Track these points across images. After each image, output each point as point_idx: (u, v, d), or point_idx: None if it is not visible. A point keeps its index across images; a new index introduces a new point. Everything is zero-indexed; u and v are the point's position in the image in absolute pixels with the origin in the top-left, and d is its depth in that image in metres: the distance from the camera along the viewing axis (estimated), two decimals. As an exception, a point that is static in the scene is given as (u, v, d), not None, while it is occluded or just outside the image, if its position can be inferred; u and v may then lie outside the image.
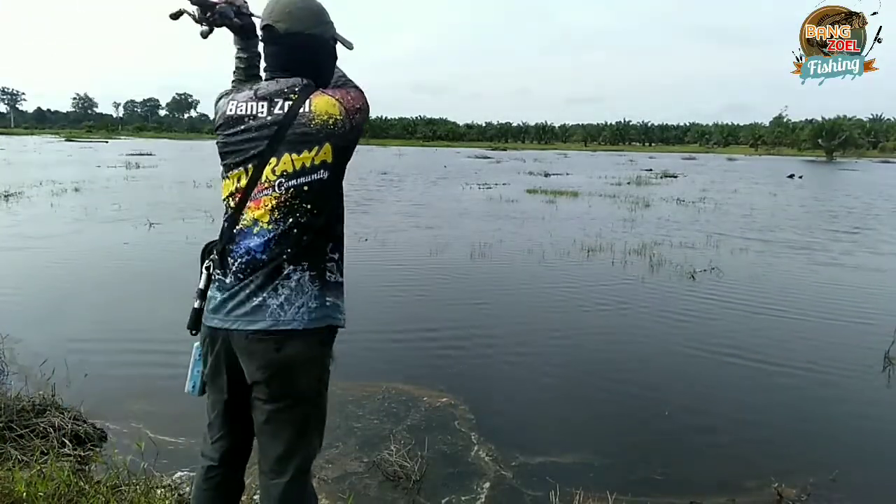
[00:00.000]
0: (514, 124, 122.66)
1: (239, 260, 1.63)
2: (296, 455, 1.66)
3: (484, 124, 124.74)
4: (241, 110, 1.65)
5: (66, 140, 70.55)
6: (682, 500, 2.97)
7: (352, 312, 1.88)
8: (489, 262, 8.45)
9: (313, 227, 1.61)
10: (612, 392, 4.32)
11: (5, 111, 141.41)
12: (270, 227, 1.60)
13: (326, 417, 1.77)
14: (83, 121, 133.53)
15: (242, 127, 1.63)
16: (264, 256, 1.60)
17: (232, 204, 1.66)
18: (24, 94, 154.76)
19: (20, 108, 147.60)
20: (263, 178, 1.60)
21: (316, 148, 1.58)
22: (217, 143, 1.70)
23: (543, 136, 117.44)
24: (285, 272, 1.60)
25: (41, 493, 2.41)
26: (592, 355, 4.98)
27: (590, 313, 6.14)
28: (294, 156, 1.58)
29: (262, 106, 1.62)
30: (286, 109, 1.60)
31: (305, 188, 1.58)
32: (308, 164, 1.58)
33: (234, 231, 1.65)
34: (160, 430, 3.40)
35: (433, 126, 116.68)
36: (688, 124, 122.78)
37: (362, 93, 1.68)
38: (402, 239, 10.18)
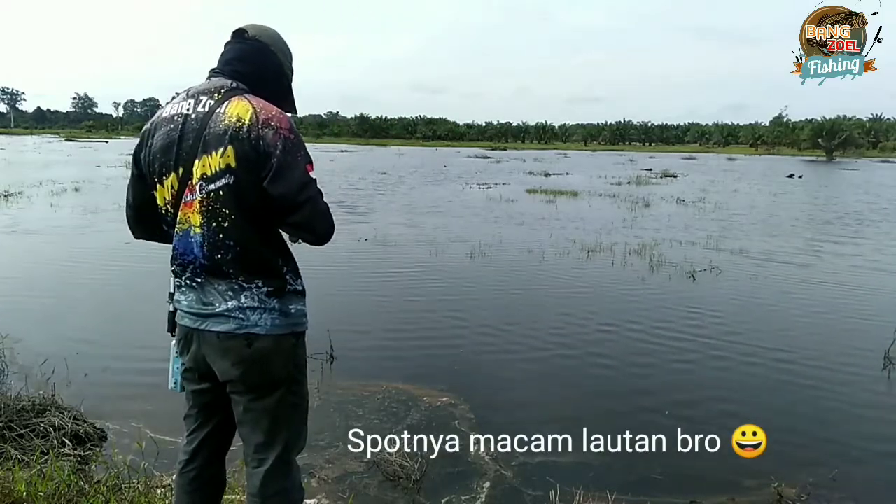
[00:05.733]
0: (514, 124, 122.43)
1: (190, 266, 1.64)
2: (276, 443, 1.67)
3: (484, 124, 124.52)
4: (173, 110, 1.64)
5: (65, 140, 70.51)
6: (682, 500, 2.97)
7: (352, 312, 1.88)
8: (489, 262, 8.45)
9: (241, 236, 1.57)
10: (612, 391, 4.32)
11: (5, 111, 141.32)
12: (202, 231, 1.59)
13: (308, 409, 1.78)
14: (83, 120, 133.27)
15: (170, 126, 1.62)
16: (206, 262, 1.60)
17: (170, 209, 1.65)
18: (23, 93, 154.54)
19: (20, 107, 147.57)
20: (193, 180, 1.58)
21: (221, 150, 1.54)
22: (150, 148, 1.65)
23: (543, 135, 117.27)
24: (240, 284, 1.60)
25: (41, 493, 2.42)
26: (593, 355, 4.97)
27: (590, 313, 6.13)
28: (207, 158, 1.56)
29: (190, 104, 1.62)
30: (207, 108, 1.59)
31: (221, 192, 1.55)
32: (216, 168, 1.55)
33: (179, 236, 1.65)
34: (160, 430, 3.40)
35: (433, 126, 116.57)
36: (688, 124, 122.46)
37: (290, 122, 1.60)
38: (402, 239, 10.18)
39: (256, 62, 1.70)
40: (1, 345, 4.33)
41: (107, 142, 67.54)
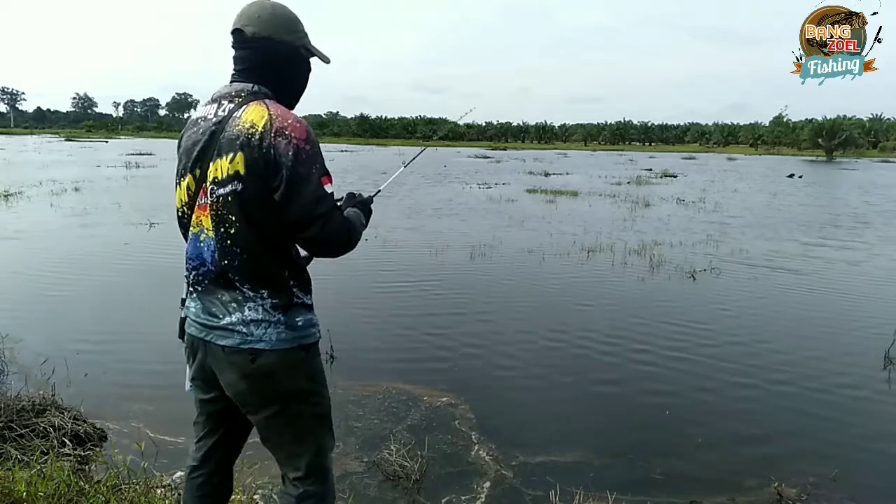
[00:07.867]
0: (514, 124, 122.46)
1: (196, 271, 1.63)
2: (303, 455, 1.67)
3: (484, 124, 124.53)
4: (198, 113, 1.66)
5: (65, 140, 70.52)
6: (682, 500, 2.97)
7: (352, 313, 1.88)
8: (489, 263, 8.45)
9: (247, 243, 1.54)
10: (612, 392, 4.32)
11: (5, 111, 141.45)
12: (212, 234, 1.57)
13: (330, 413, 1.77)
14: (83, 120, 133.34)
15: (195, 129, 1.63)
16: (213, 268, 1.58)
17: (186, 211, 1.65)
18: (23, 93, 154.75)
19: (20, 107, 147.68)
20: (207, 183, 1.57)
21: (231, 155, 1.51)
22: (179, 151, 1.68)
23: (543, 135, 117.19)
24: (245, 294, 1.57)
25: (41, 493, 2.41)
26: (593, 355, 4.98)
27: (590, 314, 6.14)
28: (219, 161, 1.53)
29: (212, 108, 1.61)
30: (226, 112, 1.57)
31: (230, 198, 1.53)
32: (225, 173, 1.52)
33: (191, 239, 1.64)
34: (160, 430, 3.40)
35: (433, 125, 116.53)
36: (688, 124, 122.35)
37: (307, 132, 1.54)
38: (402, 239, 10.17)
39: (267, 63, 1.64)
40: (1, 345, 4.33)
41: (106, 142, 67.52)
